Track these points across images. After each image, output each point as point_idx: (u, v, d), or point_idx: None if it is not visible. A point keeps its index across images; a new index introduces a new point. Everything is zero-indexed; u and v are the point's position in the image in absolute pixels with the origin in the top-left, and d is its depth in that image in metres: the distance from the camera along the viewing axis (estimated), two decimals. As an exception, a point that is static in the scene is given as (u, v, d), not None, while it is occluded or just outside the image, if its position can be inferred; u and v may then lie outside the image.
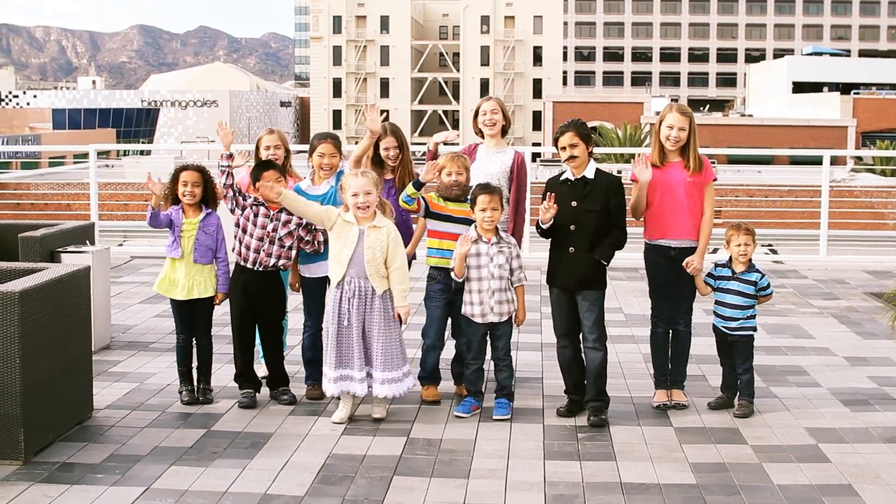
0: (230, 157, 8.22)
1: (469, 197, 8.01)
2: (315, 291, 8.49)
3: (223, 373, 8.83)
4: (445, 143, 8.80)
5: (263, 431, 7.53)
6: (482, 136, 8.78)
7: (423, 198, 8.18)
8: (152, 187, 8.12)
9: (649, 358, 8.61)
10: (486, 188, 7.87)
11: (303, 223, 8.16)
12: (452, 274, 7.97)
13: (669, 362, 8.29)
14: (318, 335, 8.50)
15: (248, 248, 8.12)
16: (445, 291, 8.29)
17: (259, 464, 6.87)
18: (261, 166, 8.19)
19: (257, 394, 8.30)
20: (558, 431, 7.60)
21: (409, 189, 8.11)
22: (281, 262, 8.19)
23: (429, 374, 8.40)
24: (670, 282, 8.13)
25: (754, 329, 8.11)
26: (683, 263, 8.01)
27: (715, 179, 8.18)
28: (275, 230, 8.12)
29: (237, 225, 8.19)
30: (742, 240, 8.10)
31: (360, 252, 7.66)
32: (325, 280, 8.31)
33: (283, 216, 8.15)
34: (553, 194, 7.75)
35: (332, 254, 7.79)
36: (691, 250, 8.07)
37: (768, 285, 8.14)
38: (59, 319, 7.26)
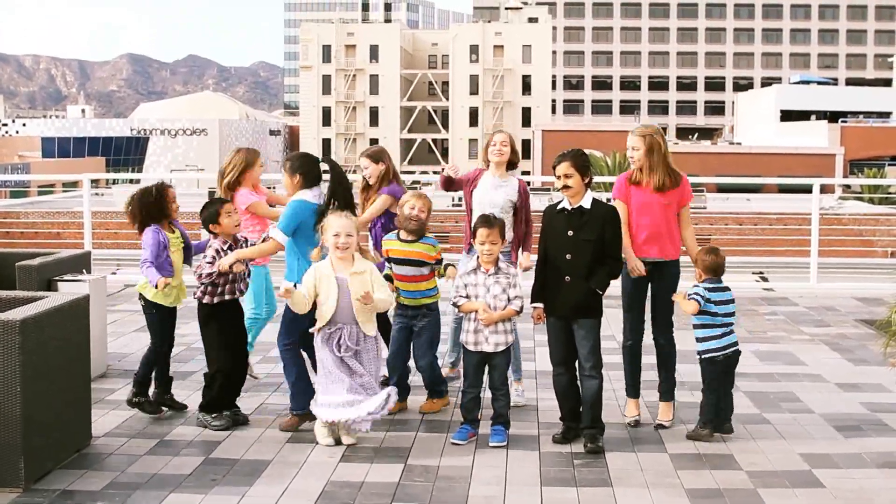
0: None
1: (472, 228, 8.16)
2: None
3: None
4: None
5: (262, 458, 7.57)
6: (488, 166, 9.17)
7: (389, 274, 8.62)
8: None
9: (643, 384, 8.71)
10: (486, 221, 7.98)
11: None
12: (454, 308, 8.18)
13: (656, 373, 8.61)
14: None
15: (231, 289, 8.39)
16: (403, 318, 8.69)
17: (258, 491, 6.90)
18: (213, 203, 8.48)
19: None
20: (554, 458, 7.65)
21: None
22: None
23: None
24: (643, 296, 8.43)
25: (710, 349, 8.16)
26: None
27: (691, 199, 8.47)
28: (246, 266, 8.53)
29: (204, 281, 8.35)
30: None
31: (345, 302, 7.78)
32: None
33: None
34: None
35: (319, 303, 7.88)
36: (664, 264, 8.36)
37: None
38: (59, 348, 7.30)
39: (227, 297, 8.40)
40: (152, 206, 8.60)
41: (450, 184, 9.14)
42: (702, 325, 8.07)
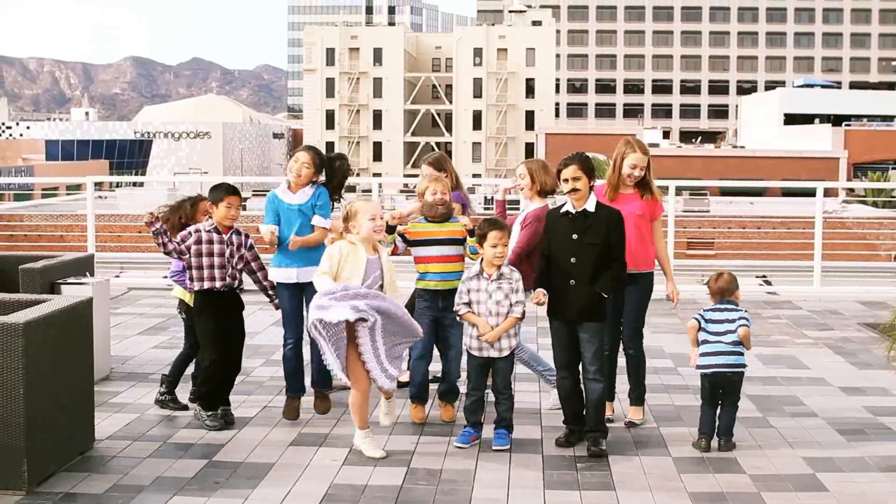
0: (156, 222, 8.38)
1: (478, 232, 8.06)
2: (291, 300, 8.68)
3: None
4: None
5: (265, 461, 7.57)
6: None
7: (397, 238, 8.51)
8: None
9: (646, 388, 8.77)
10: (495, 224, 7.96)
11: (247, 249, 8.52)
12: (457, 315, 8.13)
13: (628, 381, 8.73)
14: (299, 346, 8.76)
15: (212, 275, 8.38)
16: (431, 309, 8.51)
17: (261, 494, 6.90)
18: (223, 188, 8.50)
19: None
20: (557, 461, 7.65)
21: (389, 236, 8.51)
22: (237, 282, 8.56)
23: (417, 391, 8.63)
24: (615, 307, 8.40)
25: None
26: (669, 296, 8.58)
27: (665, 215, 8.62)
28: (231, 255, 8.43)
29: (191, 265, 8.41)
30: None
31: (376, 280, 7.70)
32: (300, 288, 8.54)
33: (235, 239, 8.47)
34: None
35: (342, 280, 7.68)
36: (635, 276, 8.39)
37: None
38: (62, 350, 7.30)
39: (217, 284, 8.39)
40: (185, 219, 8.79)
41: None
42: (702, 342, 8.05)
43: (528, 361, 9.13)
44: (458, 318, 8.12)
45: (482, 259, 8.01)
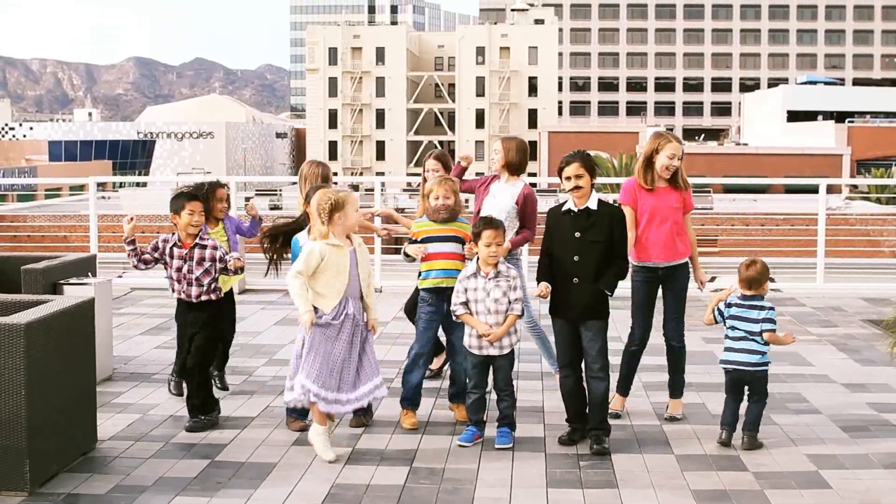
0: (132, 242, 8.48)
1: (472, 231, 8.05)
2: None
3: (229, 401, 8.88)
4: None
5: (267, 462, 7.56)
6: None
7: (414, 248, 8.50)
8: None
9: (649, 385, 8.78)
10: (490, 223, 7.93)
11: (218, 260, 8.41)
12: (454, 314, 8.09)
13: (632, 374, 8.82)
14: None
15: (173, 285, 8.50)
16: (437, 314, 8.48)
17: (264, 494, 6.89)
18: (183, 196, 8.46)
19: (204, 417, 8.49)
20: (560, 460, 7.63)
21: (405, 258, 8.57)
22: (204, 297, 8.42)
23: (410, 396, 8.47)
24: (654, 301, 8.59)
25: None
26: (702, 285, 8.72)
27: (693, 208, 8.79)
28: (190, 271, 8.40)
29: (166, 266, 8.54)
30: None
31: (354, 274, 7.68)
32: None
33: (196, 253, 8.39)
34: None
35: (322, 283, 7.59)
36: (674, 268, 8.54)
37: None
38: (65, 351, 7.30)
39: (176, 294, 8.51)
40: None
41: (461, 180, 9.31)
42: (726, 336, 8.02)
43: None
44: (454, 318, 8.09)
45: (478, 258, 7.98)
